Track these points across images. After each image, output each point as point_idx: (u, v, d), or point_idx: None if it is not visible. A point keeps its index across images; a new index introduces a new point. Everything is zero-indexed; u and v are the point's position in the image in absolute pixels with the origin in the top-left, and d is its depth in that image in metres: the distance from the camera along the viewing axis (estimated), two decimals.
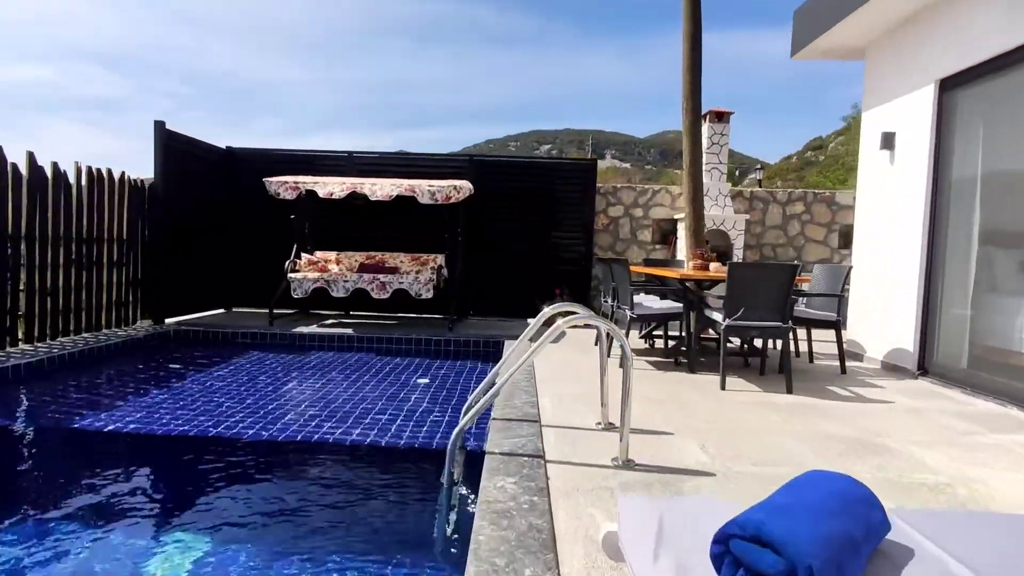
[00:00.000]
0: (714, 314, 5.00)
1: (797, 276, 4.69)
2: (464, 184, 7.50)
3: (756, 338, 5.26)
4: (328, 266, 8.21)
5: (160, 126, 7.12)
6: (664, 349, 6.22)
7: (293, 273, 7.55)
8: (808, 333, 5.84)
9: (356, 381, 5.23)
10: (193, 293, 7.92)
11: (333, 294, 7.41)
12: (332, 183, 7.42)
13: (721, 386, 4.56)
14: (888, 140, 5.76)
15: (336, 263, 8.31)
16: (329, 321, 7.98)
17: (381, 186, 7.36)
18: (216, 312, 8.53)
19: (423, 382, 5.30)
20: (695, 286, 5.45)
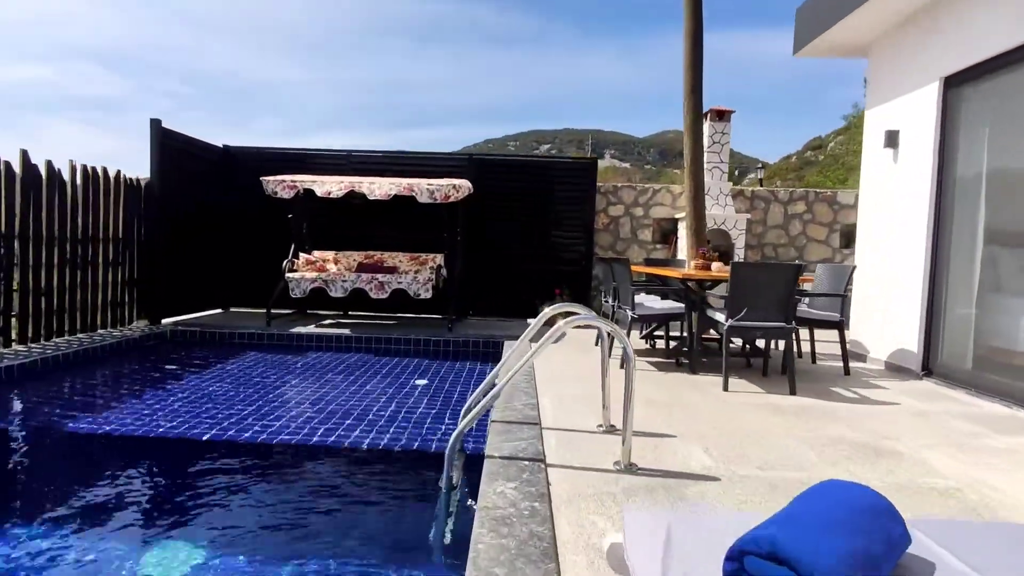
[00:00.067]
0: (716, 314, 4.94)
1: (800, 276, 4.63)
2: (463, 183, 7.43)
3: (759, 339, 5.20)
4: (326, 266, 8.15)
5: (156, 124, 7.05)
6: (665, 349, 6.16)
7: (291, 273, 7.49)
8: (811, 333, 5.78)
9: (354, 382, 5.17)
10: (190, 293, 7.86)
11: (331, 294, 7.34)
12: (330, 182, 7.36)
13: (724, 387, 4.50)
14: (892, 138, 5.70)
15: (334, 263, 8.24)
16: (327, 321, 7.92)
17: (380, 185, 7.29)
18: (213, 312, 8.47)
19: (422, 383, 5.24)
20: (697, 286, 5.39)
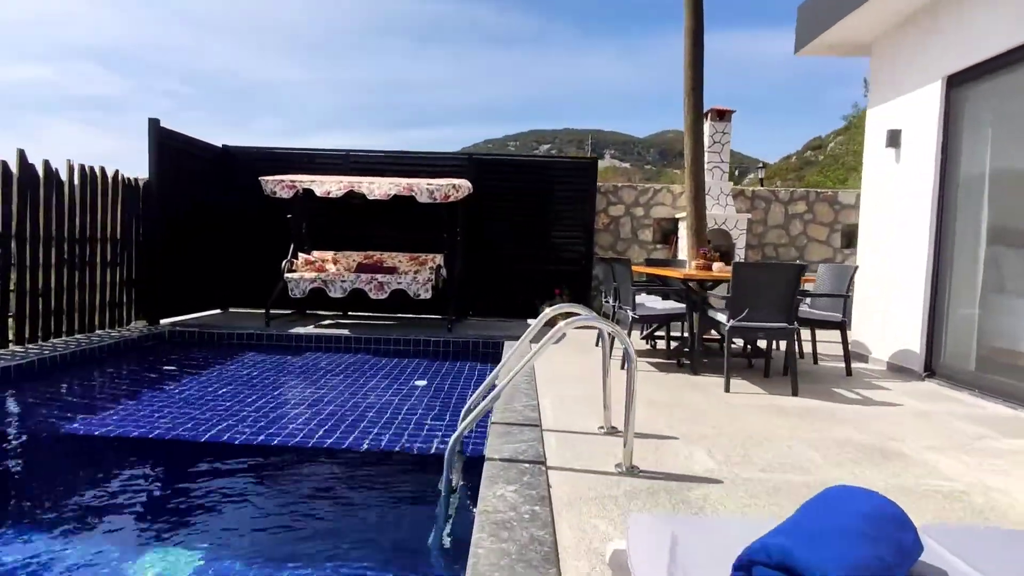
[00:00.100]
0: (718, 315, 4.90)
1: (803, 277, 4.59)
2: (463, 183, 7.39)
3: (760, 339, 5.16)
4: (325, 266, 8.11)
5: (154, 124, 7.02)
6: (666, 350, 6.13)
7: (290, 273, 7.45)
8: (812, 334, 5.74)
9: (353, 384, 5.13)
10: (189, 293, 7.82)
11: (330, 294, 7.30)
12: (329, 182, 7.32)
13: (725, 388, 4.47)
14: (894, 138, 5.67)
15: (333, 263, 8.21)
16: (326, 322, 7.88)
17: (379, 185, 7.26)
18: (213, 312, 8.43)
19: (421, 384, 5.20)
20: (698, 286, 5.36)
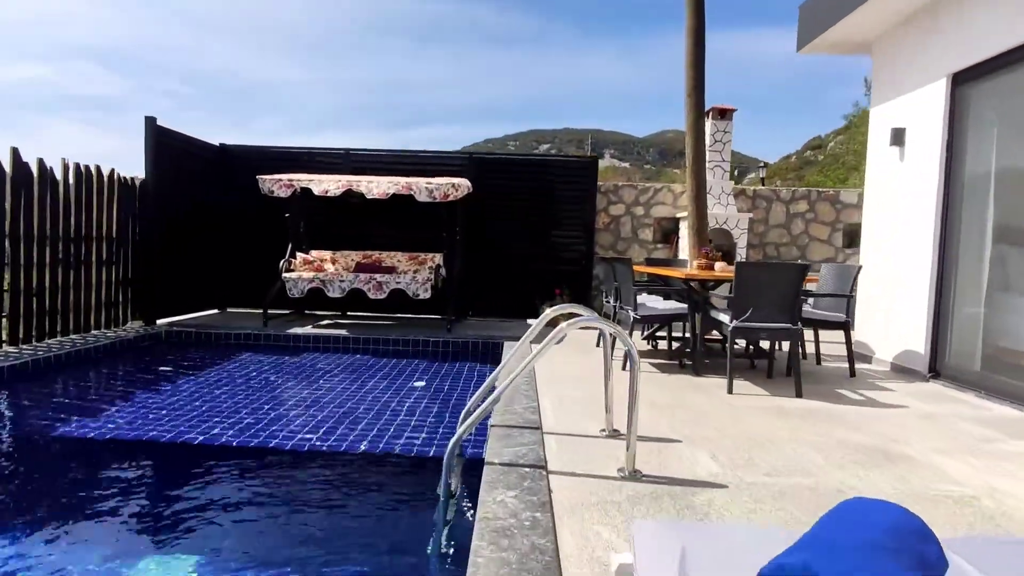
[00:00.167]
0: (720, 315, 4.85)
1: (806, 276, 4.54)
2: (462, 182, 7.33)
3: (763, 340, 5.11)
4: (324, 265, 8.05)
5: (151, 122, 6.95)
6: (668, 351, 6.07)
7: (288, 273, 7.39)
8: (815, 334, 5.69)
9: (351, 385, 5.07)
10: (186, 293, 7.76)
11: (329, 294, 7.24)
12: (327, 181, 7.26)
13: (728, 390, 4.41)
14: (898, 136, 5.61)
15: (332, 262, 8.15)
16: (325, 322, 7.82)
17: (378, 184, 7.19)
18: (210, 312, 8.37)
19: (420, 385, 5.14)
20: (699, 286, 5.30)
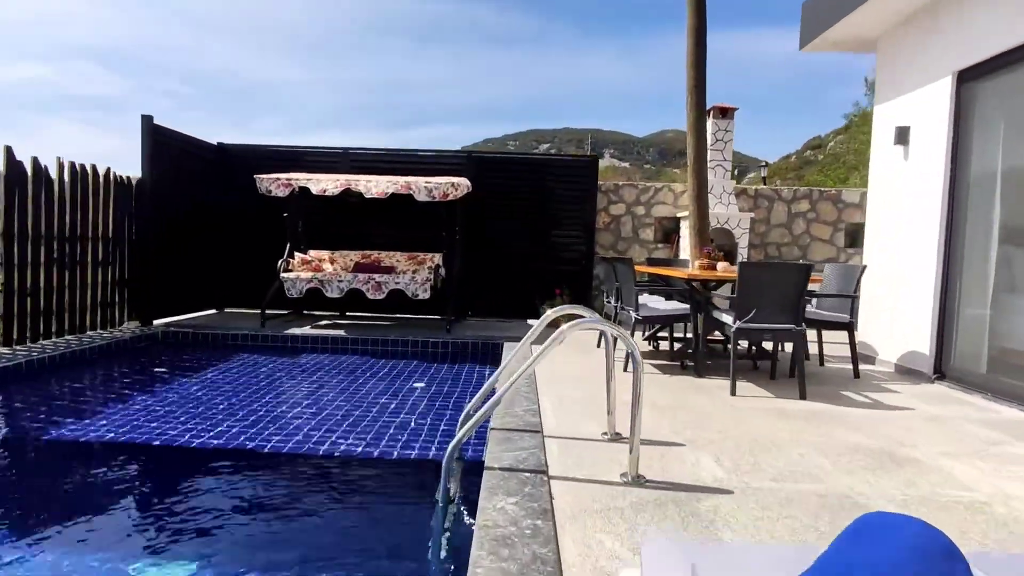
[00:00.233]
0: (723, 316, 4.78)
1: (810, 277, 4.48)
2: (462, 181, 7.27)
3: (766, 341, 5.05)
4: (322, 265, 7.99)
5: (147, 121, 6.89)
6: (669, 351, 6.01)
7: (286, 273, 7.33)
8: (819, 335, 5.62)
9: (349, 386, 5.01)
10: (183, 293, 7.69)
11: (327, 294, 7.18)
12: (325, 180, 7.19)
13: (731, 391, 4.35)
14: (902, 135, 5.55)
15: (330, 262, 8.08)
16: (323, 322, 7.76)
17: (376, 183, 7.13)
18: (208, 313, 8.31)
19: (419, 386, 5.08)
20: (701, 286, 5.24)
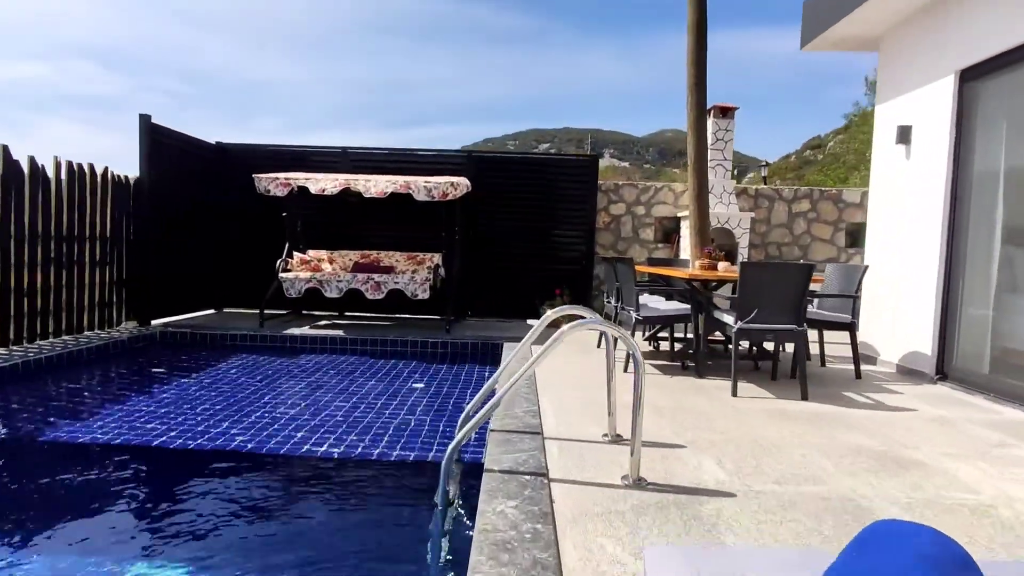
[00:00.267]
0: (724, 316, 4.75)
1: (812, 277, 4.45)
2: (461, 181, 7.24)
3: (768, 341, 5.02)
4: (321, 265, 7.96)
5: (145, 120, 6.85)
6: (670, 352, 5.98)
7: (285, 273, 7.29)
8: (820, 335, 5.60)
9: (347, 387, 4.98)
10: (182, 293, 7.66)
11: (326, 295, 7.14)
12: (324, 179, 7.16)
13: (732, 392, 4.32)
14: (904, 134, 5.52)
15: (329, 262, 8.05)
16: (322, 322, 7.73)
17: (376, 183, 7.10)
18: (207, 313, 8.27)
19: (418, 387, 5.05)
20: (702, 286, 5.21)
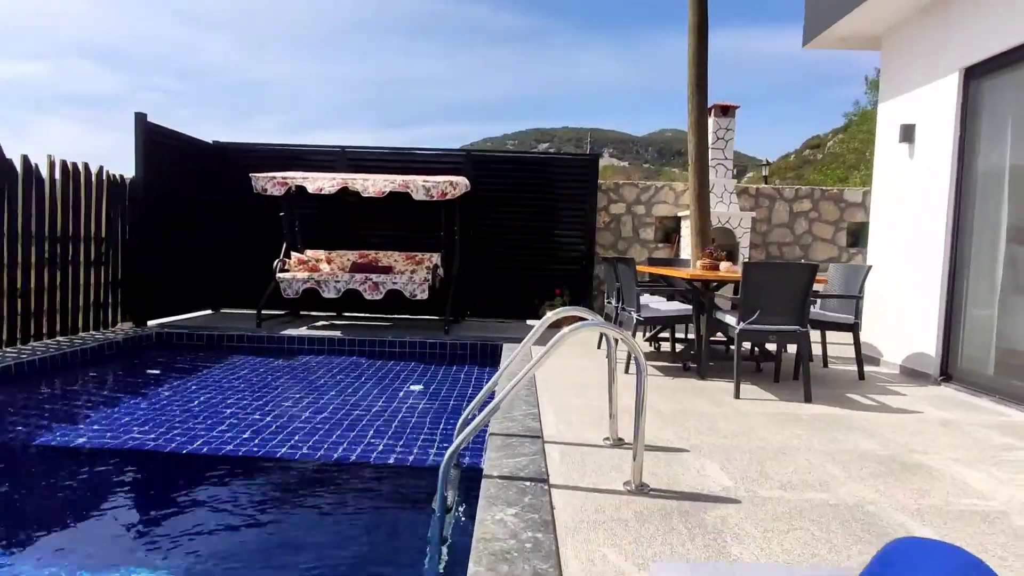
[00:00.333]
0: (726, 317, 4.69)
1: (816, 277, 4.39)
2: (460, 180, 7.17)
3: (771, 342, 4.96)
4: (319, 265, 7.89)
5: (141, 119, 6.78)
6: (671, 353, 5.92)
7: (282, 273, 7.22)
8: (823, 336, 5.54)
9: (345, 389, 4.91)
10: (178, 293, 7.59)
11: (324, 295, 7.08)
12: (322, 179, 7.09)
13: (735, 394, 4.26)
14: (908, 133, 5.46)
15: (327, 262, 7.98)
16: (320, 323, 7.66)
17: (373, 182, 7.03)
18: (204, 313, 8.20)
19: (417, 389, 4.99)
20: (703, 287, 5.15)
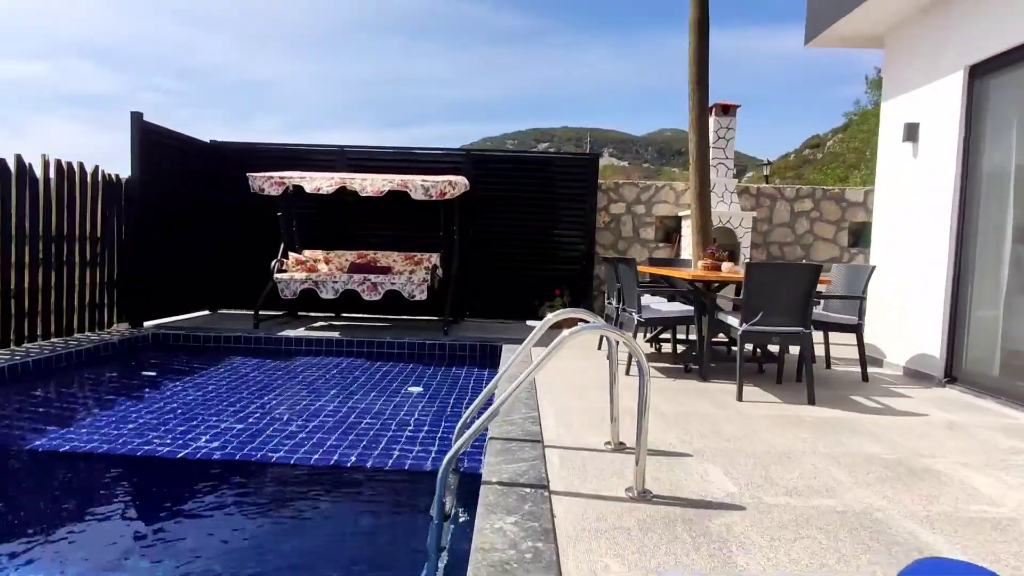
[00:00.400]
0: (729, 318, 4.64)
1: (819, 277, 4.33)
2: (459, 179, 7.12)
3: (773, 343, 4.90)
4: (317, 266, 7.83)
5: (137, 118, 6.72)
6: (672, 354, 5.86)
7: (280, 274, 7.16)
8: (825, 337, 5.48)
9: (342, 391, 4.85)
10: (175, 294, 7.53)
11: (322, 296, 7.02)
12: (320, 178, 7.03)
13: (738, 397, 4.20)
14: (912, 132, 5.40)
15: (325, 263, 7.92)
16: (318, 324, 7.60)
17: (372, 181, 6.97)
18: (201, 314, 8.14)
19: (415, 391, 4.93)
20: (705, 287, 5.09)
